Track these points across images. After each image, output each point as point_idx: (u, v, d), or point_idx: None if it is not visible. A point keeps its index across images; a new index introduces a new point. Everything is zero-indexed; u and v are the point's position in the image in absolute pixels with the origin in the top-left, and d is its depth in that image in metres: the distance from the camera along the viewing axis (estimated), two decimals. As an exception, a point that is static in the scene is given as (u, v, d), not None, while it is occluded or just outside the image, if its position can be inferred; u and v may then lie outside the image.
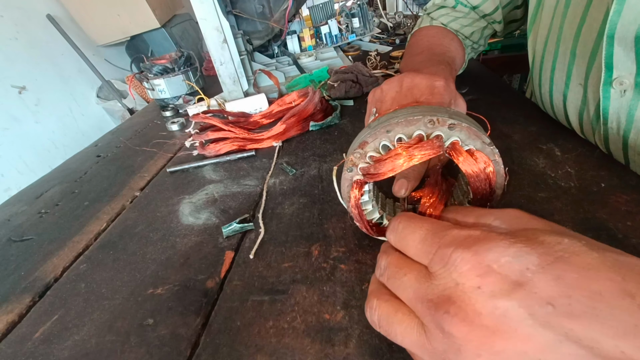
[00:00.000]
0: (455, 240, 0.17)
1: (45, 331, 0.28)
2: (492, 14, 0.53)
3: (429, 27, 0.56)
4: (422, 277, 0.18)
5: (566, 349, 0.13)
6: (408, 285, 0.18)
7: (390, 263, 0.20)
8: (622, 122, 0.32)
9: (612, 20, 0.28)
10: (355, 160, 0.25)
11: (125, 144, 0.65)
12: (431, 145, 0.22)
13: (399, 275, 0.19)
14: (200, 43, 1.39)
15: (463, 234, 0.17)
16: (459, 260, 0.16)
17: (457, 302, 0.15)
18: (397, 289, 0.19)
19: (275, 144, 0.52)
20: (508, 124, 0.44)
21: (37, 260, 0.37)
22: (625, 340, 0.13)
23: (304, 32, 0.96)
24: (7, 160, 1.44)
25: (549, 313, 0.14)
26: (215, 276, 0.30)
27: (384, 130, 0.24)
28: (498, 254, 0.15)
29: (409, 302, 0.18)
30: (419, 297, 0.17)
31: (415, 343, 0.17)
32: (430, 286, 0.17)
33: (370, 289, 0.21)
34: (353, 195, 0.27)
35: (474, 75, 0.64)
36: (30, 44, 1.58)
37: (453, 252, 0.16)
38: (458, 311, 0.15)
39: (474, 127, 0.22)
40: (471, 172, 0.23)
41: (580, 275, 0.14)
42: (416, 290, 0.17)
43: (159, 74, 0.76)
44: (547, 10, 0.39)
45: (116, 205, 0.45)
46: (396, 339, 0.18)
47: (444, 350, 0.16)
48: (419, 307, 0.17)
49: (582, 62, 0.34)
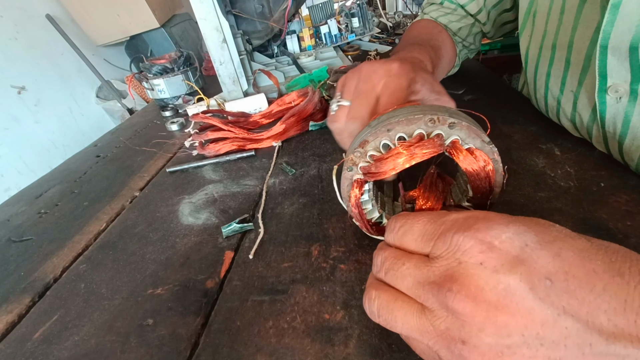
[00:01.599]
0: (456, 222, 0.17)
1: (45, 331, 0.28)
2: (477, 15, 0.54)
3: (420, 21, 0.57)
4: (421, 264, 0.18)
5: (563, 323, 0.14)
6: (407, 274, 0.18)
7: (387, 257, 0.20)
8: (618, 128, 0.32)
9: (605, 31, 0.28)
10: (355, 160, 0.25)
11: (124, 144, 0.65)
12: (432, 144, 0.23)
13: (397, 266, 0.19)
14: (199, 43, 1.39)
15: (462, 216, 0.18)
16: (461, 239, 0.16)
17: (459, 279, 0.16)
18: (395, 280, 0.19)
19: (275, 143, 0.52)
20: (508, 124, 0.44)
21: (36, 261, 0.37)
22: (617, 315, 0.13)
23: (304, 32, 0.96)
24: (7, 160, 1.44)
25: (548, 288, 0.14)
26: (215, 276, 0.30)
27: (384, 129, 0.24)
28: (499, 231, 0.16)
29: (409, 290, 0.18)
30: (419, 283, 0.17)
31: (417, 327, 0.17)
32: (430, 270, 0.17)
33: (368, 284, 0.21)
34: (353, 194, 0.27)
35: (474, 75, 0.64)
36: (30, 44, 1.58)
37: (455, 233, 0.17)
38: (461, 287, 0.15)
39: (473, 126, 0.23)
40: (471, 170, 0.23)
41: (576, 255, 0.15)
42: (416, 277, 0.18)
43: (159, 74, 0.76)
44: (540, 17, 0.39)
45: (116, 206, 0.45)
46: (396, 327, 0.18)
47: (447, 328, 0.16)
48: (420, 292, 0.17)
49: (576, 70, 0.35)
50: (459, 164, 0.23)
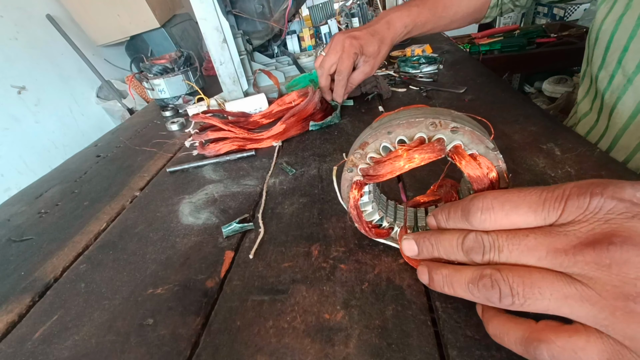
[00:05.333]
0: (583, 187, 0.17)
1: (45, 331, 0.28)
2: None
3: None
4: (549, 232, 0.17)
5: None
6: (537, 244, 0.17)
7: (499, 235, 0.19)
8: None
9: None
10: (355, 161, 0.25)
11: (125, 144, 0.65)
12: (432, 149, 0.22)
13: (519, 238, 0.18)
14: (200, 43, 1.39)
15: (583, 183, 0.17)
16: (602, 201, 0.16)
17: (617, 233, 0.16)
18: (520, 254, 0.18)
19: (275, 143, 0.52)
20: (508, 124, 0.44)
21: (37, 260, 0.37)
22: None
23: (304, 32, 0.96)
24: (7, 160, 1.44)
25: None
26: (215, 276, 0.30)
27: (385, 132, 0.24)
28: (632, 190, 0.16)
29: (542, 261, 0.17)
30: (558, 250, 0.17)
31: (573, 295, 0.16)
32: (568, 235, 0.17)
33: (473, 275, 0.19)
34: (352, 196, 0.26)
35: (474, 75, 0.64)
36: (30, 44, 1.57)
37: (592, 196, 0.17)
38: (625, 239, 0.15)
39: (477, 131, 0.22)
40: (474, 176, 0.23)
41: None
42: (551, 244, 0.17)
43: (159, 74, 0.76)
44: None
45: (116, 205, 0.45)
46: (542, 301, 0.17)
47: (615, 286, 0.15)
48: (561, 259, 0.16)
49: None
50: (461, 169, 0.23)
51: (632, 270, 0.15)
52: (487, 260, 0.19)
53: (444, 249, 0.21)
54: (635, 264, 0.15)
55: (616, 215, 0.16)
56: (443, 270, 0.21)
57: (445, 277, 0.21)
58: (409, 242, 0.24)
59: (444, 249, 0.21)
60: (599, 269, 0.16)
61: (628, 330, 0.15)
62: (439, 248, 0.22)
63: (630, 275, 0.15)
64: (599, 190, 0.17)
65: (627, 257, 0.15)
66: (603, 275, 0.16)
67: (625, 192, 0.16)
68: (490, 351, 0.20)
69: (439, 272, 0.21)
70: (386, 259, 0.28)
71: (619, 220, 0.16)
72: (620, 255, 0.15)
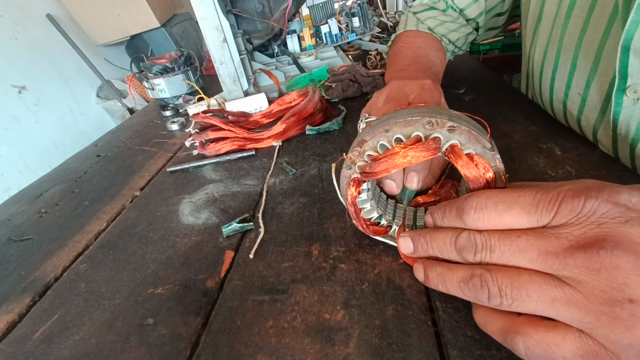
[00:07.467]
0: (578, 191, 0.17)
1: (45, 331, 0.28)
2: (476, 19, 0.54)
3: (415, 34, 0.56)
4: (541, 234, 0.17)
5: None
6: (529, 245, 0.17)
7: (491, 234, 0.19)
8: (631, 130, 0.32)
9: (629, 31, 0.28)
10: (353, 158, 0.25)
11: (125, 144, 0.65)
12: (427, 147, 0.22)
13: (510, 240, 0.18)
14: (200, 42, 1.39)
15: (578, 186, 0.17)
16: (596, 204, 0.16)
17: (609, 238, 0.15)
18: (512, 254, 0.18)
19: (275, 143, 0.52)
20: (508, 124, 0.44)
21: (37, 260, 0.37)
22: None
23: (304, 32, 0.96)
24: (7, 160, 1.44)
25: None
26: (215, 276, 0.30)
27: (382, 130, 0.24)
28: (628, 194, 0.16)
29: (532, 263, 0.17)
30: (549, 252, 0.17)
31: (559, 297, 0.16)
32: (559, 237, 0.17)
33: (464, 275, 0.19)
34: (350, 193, 0.27)
35: (474, 75, 0.64)
36: (30, 43, 1.58)
37: (585, 199, 0.16)
38: (616, 244, 0.15)
39: (474, 131, 0.22)
40: (470, 176, 0.23)
41: None
42: (542, 246, 0.17)
43: (159, 73, 0.76)
44: (545, 22, 0.40)
45: (116, 205, 0.45)
46: (529, 303, 0.17)
47: (604, 291, 0.15)
48: (551, 262, 0.16)
49: (584, 73, 0.35)
50: (458, 169, 0.23)
51: (620, 275, 0.15)
52: (479, 260, 0.19)
53: (437, 247, 0.22)
54: (624, 269, 0.15)
55: (609, 219, 0.16)
56: (437, 268, 0.21)
57: (439, 275, 0.21)
58: (406, 240, 0.24)
59: (438, 247, 0.22)
60: (589, 273, 0.16)
61: (610, 334, 0.15)
62: (433, 246, 0.22)
63: (619, 281, 0.15)
64: (594, 194, 0.17)
65: (617, 262, 0.15)
66: (592, 279, 0.16)
67: (621, 197, 0.16)
68: (490, 351, 0.20)
69: (433, 269, 0.22)
70: (386, 259, 0.28)
71: (612, 224, 0.16)
72: (610, 260, 0.15)
